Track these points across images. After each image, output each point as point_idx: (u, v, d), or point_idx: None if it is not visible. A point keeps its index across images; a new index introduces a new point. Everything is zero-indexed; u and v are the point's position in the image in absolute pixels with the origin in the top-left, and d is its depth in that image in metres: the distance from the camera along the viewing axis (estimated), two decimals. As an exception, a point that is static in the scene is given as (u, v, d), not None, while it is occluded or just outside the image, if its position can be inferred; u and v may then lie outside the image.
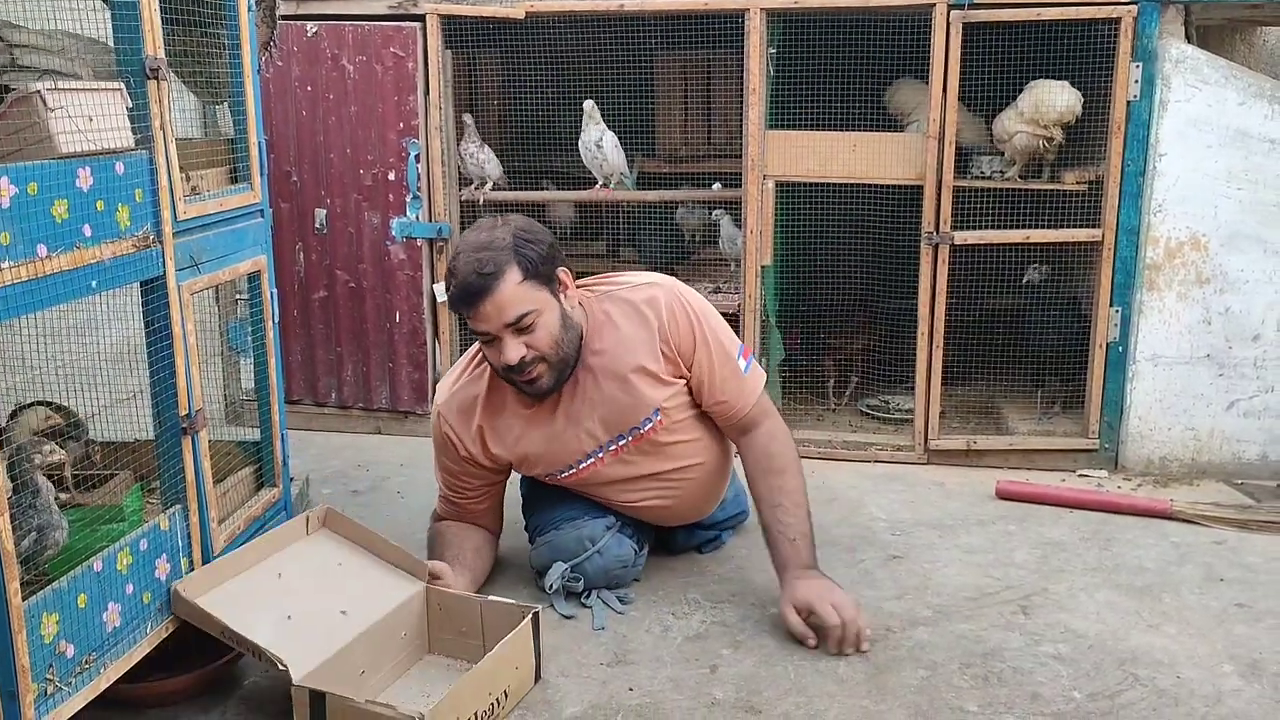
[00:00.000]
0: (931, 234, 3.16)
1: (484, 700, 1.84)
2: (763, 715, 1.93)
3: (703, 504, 2.53)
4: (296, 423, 3.66)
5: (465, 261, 2.12)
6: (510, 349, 2.14)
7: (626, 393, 2.28)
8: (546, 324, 2.17)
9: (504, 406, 2.35)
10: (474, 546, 2.41)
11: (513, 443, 2.36)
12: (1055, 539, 2.72)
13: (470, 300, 2.11)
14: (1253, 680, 2.05)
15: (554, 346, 2.19)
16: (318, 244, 3.55)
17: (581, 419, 2.32)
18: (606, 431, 2.32)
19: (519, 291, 2.12)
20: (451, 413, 2.37)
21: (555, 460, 2.37)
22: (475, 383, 2.37)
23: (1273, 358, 3.07)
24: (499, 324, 2.13)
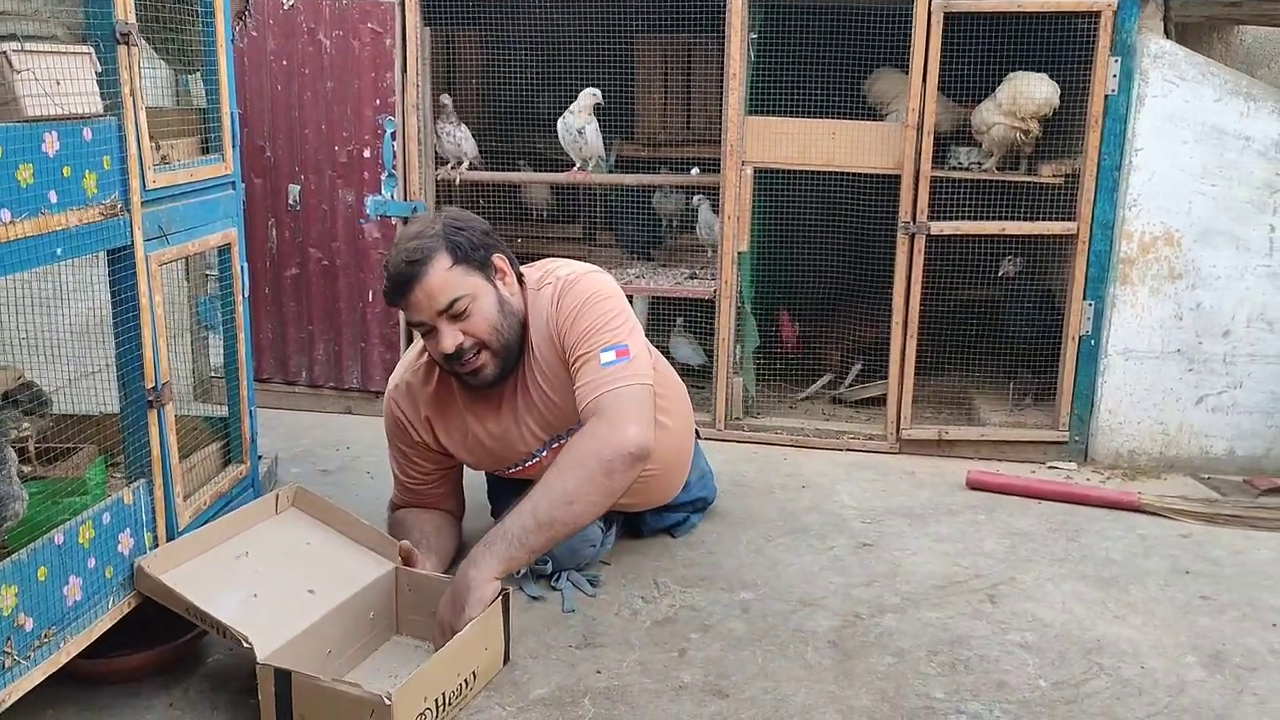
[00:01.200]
0: (908, 223, 3.16)
1: (452, 681, 1.82)
2: (730, 699, 1.93)
3: (663, 492, 2.53)
4: (266, 401, 3.62)
5: (395, 254, 2.11)
6: (446, 337, 2.10)
7: (560, 397, 2.24)
8: (482, 309, 2.12)
9: (451, 402, 2.32)
10: (436, 528, 2.39)
11: (460, 439, 2.34)
12: (1024, 529, 2.74)
13: (400, 290, 2.08)
14: (1215, 671, 2.07)
15: (492, 333, 2.14)
16: (291, 221, 3.51)
17: (522, 418, 2.30)
18: (546, 431, 2.31)
19: (449, 277, 2.08)
20: (402, 397, 2.35)
21: (500, 458, 2.37)
22: (425, 373, 2.34)
23: (1242, 354, 3.10)
24: (431, 312, 2.09)
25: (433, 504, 2.46)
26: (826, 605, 2.30)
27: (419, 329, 2.16)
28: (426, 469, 2.41)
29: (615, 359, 2.14)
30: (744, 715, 1.88)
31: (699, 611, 2.27)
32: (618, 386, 2.10)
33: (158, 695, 1.92)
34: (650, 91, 3.94)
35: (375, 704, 1.63)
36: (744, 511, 2.81)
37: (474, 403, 2.31)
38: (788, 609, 2.28)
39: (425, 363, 2.34)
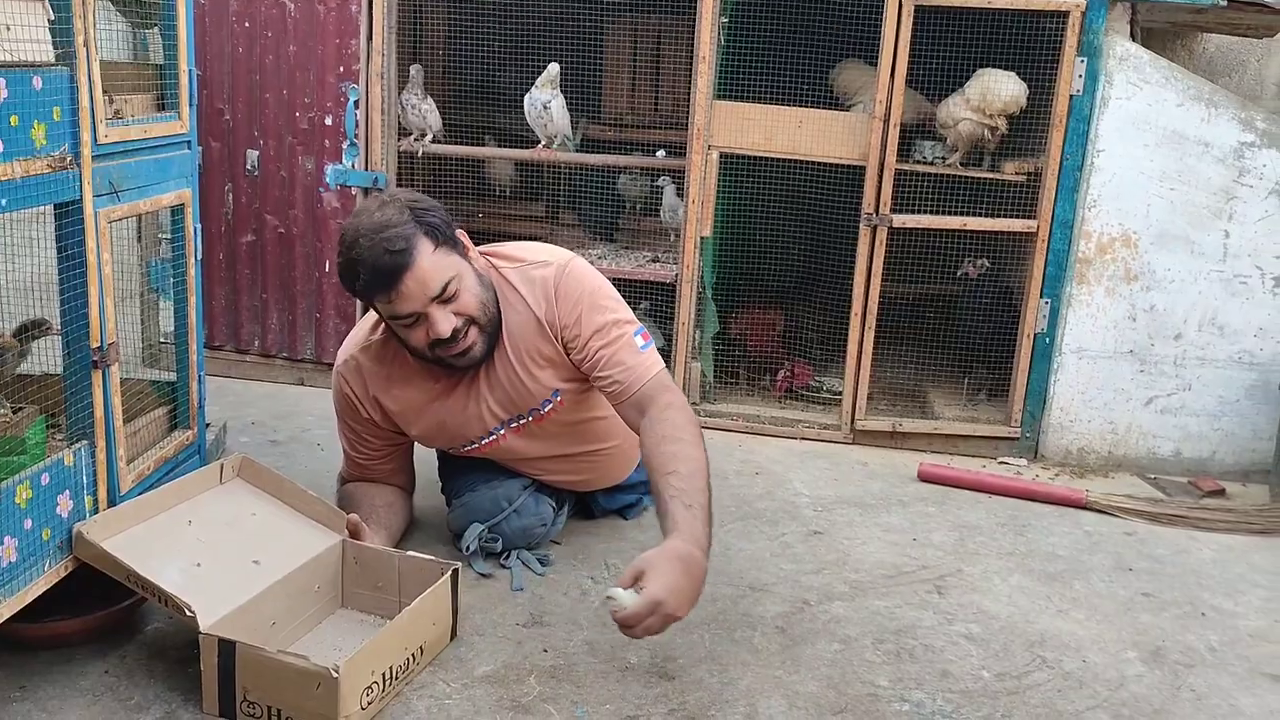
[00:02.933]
0: (871, 215, 3.17)
1: (399, 655, 1.80)
2: (675, 681, 1.93)
3: (618, 473, 2.53)
4: (217, 369, 3.57)
5: (368, 246, 1.99)
6: (442, 321, 2.05)
7: (524, 374, 2.23)
8: (469, 287, 2.10)
9: (405, 379, 2.27)
10: (386, 503, 2.36)
11: (413, 416, 2.31)
12: (972, 522, 2.76)
13: (388, 282, 1.99)
14: (1154, 666, 2.10)
15: (480, 309, 2.12)
16: (248, 186, 3.45)
17: (479, 399, 2.27)
18: (505, 411, 2.28)
19: (436, 260, 2.03)
20: (351, 373, 2.30)
21: (455, 436, 2.33)
22: (377, 351, 2.29)
23: (1192, 357, 3.14)
24: (424, 299, 2.03)
25: (383, 479, 2.43)
26: (775, 591, 2.31)
27: (401, 321, 2.07)
28: (375, 445, 2.38)
29: (644, 343, 2.18)
30: (689, 697, 1.88)
31: (648, 594, 2.26)
32: (661, 367, 2.16)
33: (93, 662, 1.88)
34: (619, 72, 3.91)
35: (322, 676, 1.61)
36: (697, 496, 2.80)
37: (433, 381, 2.27)
38: (737, 594, 2.28)
39: (378, 341, 2.29)
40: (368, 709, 1.71)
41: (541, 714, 1.81)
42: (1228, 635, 2.25)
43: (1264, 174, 3.01)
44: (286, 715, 1.66)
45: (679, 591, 1.77)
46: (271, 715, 1.68)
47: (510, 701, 1.84)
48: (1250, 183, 3.02)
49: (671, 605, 1.75)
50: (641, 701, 1.86)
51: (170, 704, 1.77)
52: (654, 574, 1.77)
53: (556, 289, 2.19)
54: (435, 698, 1.84)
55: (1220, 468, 3.21)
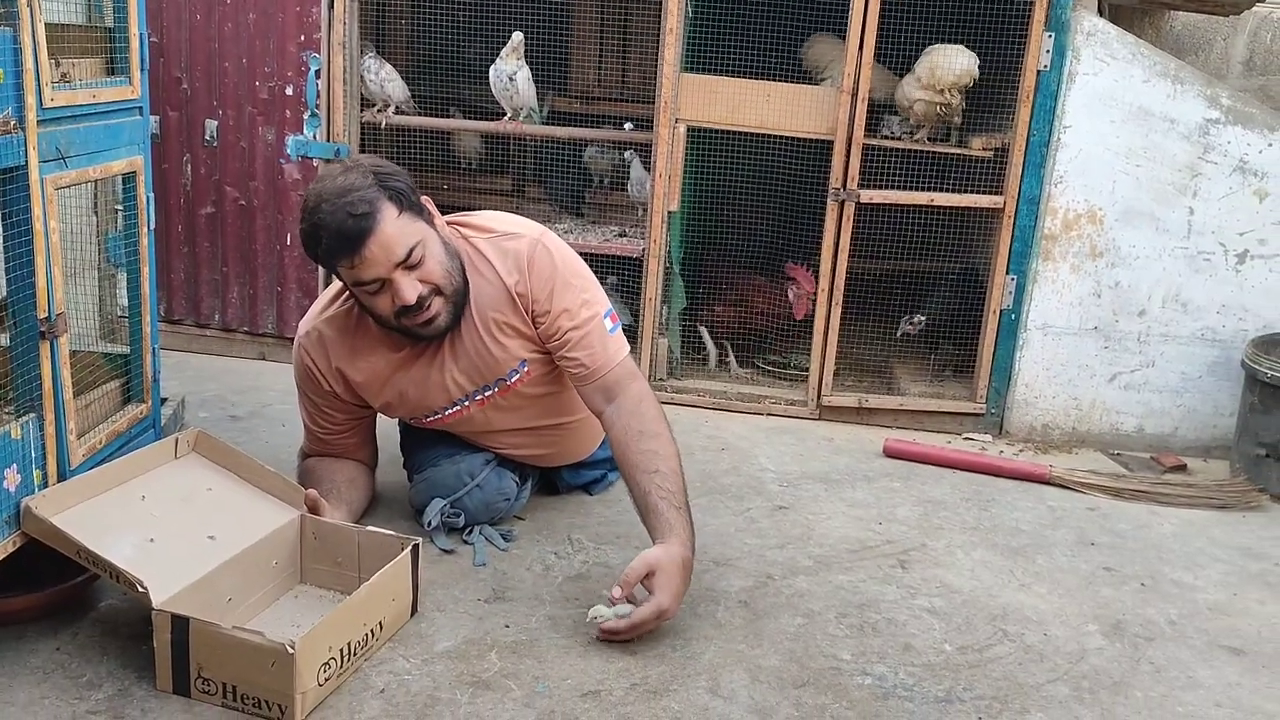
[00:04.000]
0: (838, 190, 3.15)
1: (358, 630, 1.78)
2: (638, 655, 1.92)
3: (581, 449, 2.51)
4: (176, 344, 3.51)
5: (331, 210, 1.95)
6: (407, 288, 2.01)
7: (492, 344, 2.21)
8: (434, 254, 2.06)
9: (369, 348, 2.24)
10: (348, 479, 2.33)
11: (377, 386, 2.27)
12: (937, 498, 2.77)
13: (352, 246, 1.95)
14: (1114, 640, 2.11)
15: (446, 276, 2.08)
16: (207, 157, 3.38)
17: (446, 368, 2.24)
18: (471, 382, 2.25)
19: (400, 225, 2.00)
20: (313, 345, 2.26)
21: (419, 405, 2.30)
22: (340, 322, 2.25)
23: (1156, 333, 3.16)
24: (389, 265, 1.99)
25: (345, 454, 2.39)
26: (740, 566, 2.30)
27: (365, 287, 2.03)
28: (337, 419, 2.35)
29: (613, 326, 2.21)
30: (651, 672, 1.87)
31: (612, 569, 2.25)
32: (627, 352, 2.21)
33: (44, 639, 1.84)
34: (586, 45, 3.87)
35: (277, 653, 1.58)
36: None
37: (396, 350, 2.24)
38: (701, 568, 2.27)
39: (342, 311, 2.25)
40: (325, 685, 1.68)
41: (502, 689, 1.80)
42: (1187, 609, 2.27)
43: (1228, 151, 3.02)
44: (241, 692, 1.64)
45: (680, 597, 1.96)
46: (226, 693, 1.65)
47: (471, 677, 1.82)
48: (1215, 159, 3.03)
49: (674, 611, 1.94)
50: (603, 676, 1.85)
51: (123, 681, 1.74)
52: (664, 580, 1.93)
53: (530, 262, 2.17)
54: (395, 673, 1.82)
55: (1182, 443, 3.23)
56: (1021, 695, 1.89)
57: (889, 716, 1.79)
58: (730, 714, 1.77)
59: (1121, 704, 1.88)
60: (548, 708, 1.75)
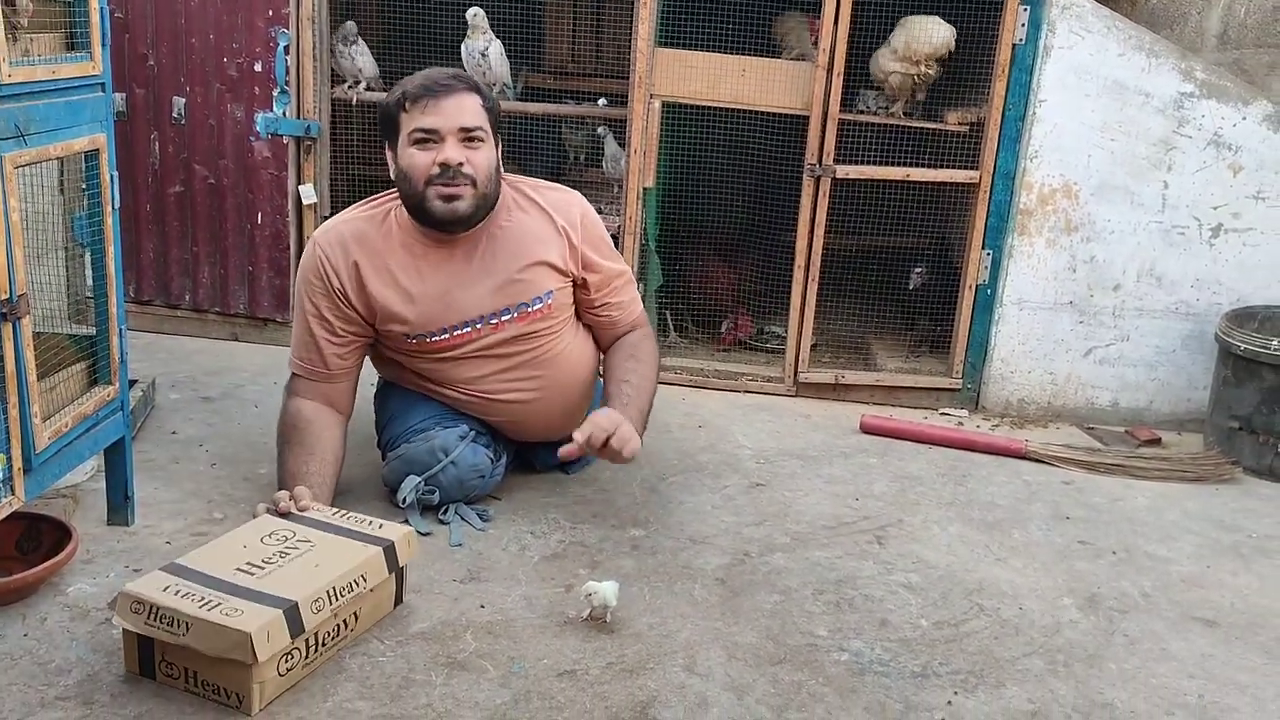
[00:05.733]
0: (814, 166, 3.14)
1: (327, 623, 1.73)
2: (614, 634, 1.91)
3: (562, 417, 2.46)
4: (147, 325, 3.47)
5: (430, 71, 2.25)
6: (454, 149, 2.18)
7: (524, 270, 2.32)
8: (486, 153, 2.23)
9: (391, 250, 2.29)
10: (334, 441, 2.28)
11: (393, 293, 2.27)
12: (913, 473, 2.77)
13: (435, 92, 2.18)
14: (1089, 613, 2.12)
15: (486, 179, 2.23)
16: (175, 135, 3.32)
17: (473, 282, 2.30)
18: (495, 302, 2.31)
19: (478, 111, 2.22)
20: (331, 243, 2.29)
21: (433, 319, 2.29)
22: (367, 222, 2.32)
23: (1130, 308, 3.17)
24: (454, 124, 2.18)
25: (331, 390, 2.32)
26: (716, 543, 2.30)
27: (421, 134, 2.18)
28: (336, 333, 2.29)
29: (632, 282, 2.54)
30: (627, 650, 1.87)
31: (589, 548, 2.24)
32: (642, 307, 2.56)
33: (11, 625, 1.81)
34: (560, 20, 3.83)
35: (238, 638, 1.56)
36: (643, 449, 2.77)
37: (419, 255, 2.30)
38: (677, 546, 2.27)
39: (364, 215, 2.33)
40: (287, 675, 1.65)
41: (477, 670, 1.78)
42: (1161, 581, 2.28)
43: (1202, 124, 3.02)
44: (202, 679, 1.62)
45: (610, 414, 2.22)
46: (188, 678, 1.63)
47: (446, 658, 1.81)
48: (1189, 133, 3.03)
49: (609, 422, 2.19)
50: (579, 655, 1.84)
51: (92, 666, 1.72)
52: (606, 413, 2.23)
53: (583, 216, 2.41)
54: (369, 655, 1.80)
55: (1156, 417, 3.25)
56: (997, 669, 1.89)
57: (865, 692, 1.79)
58: (707, 692, 1.77)
59: (1096, 676, 1.89)
60: (523, 688, 1.74)
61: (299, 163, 3.31)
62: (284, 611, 1.62)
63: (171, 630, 1.59)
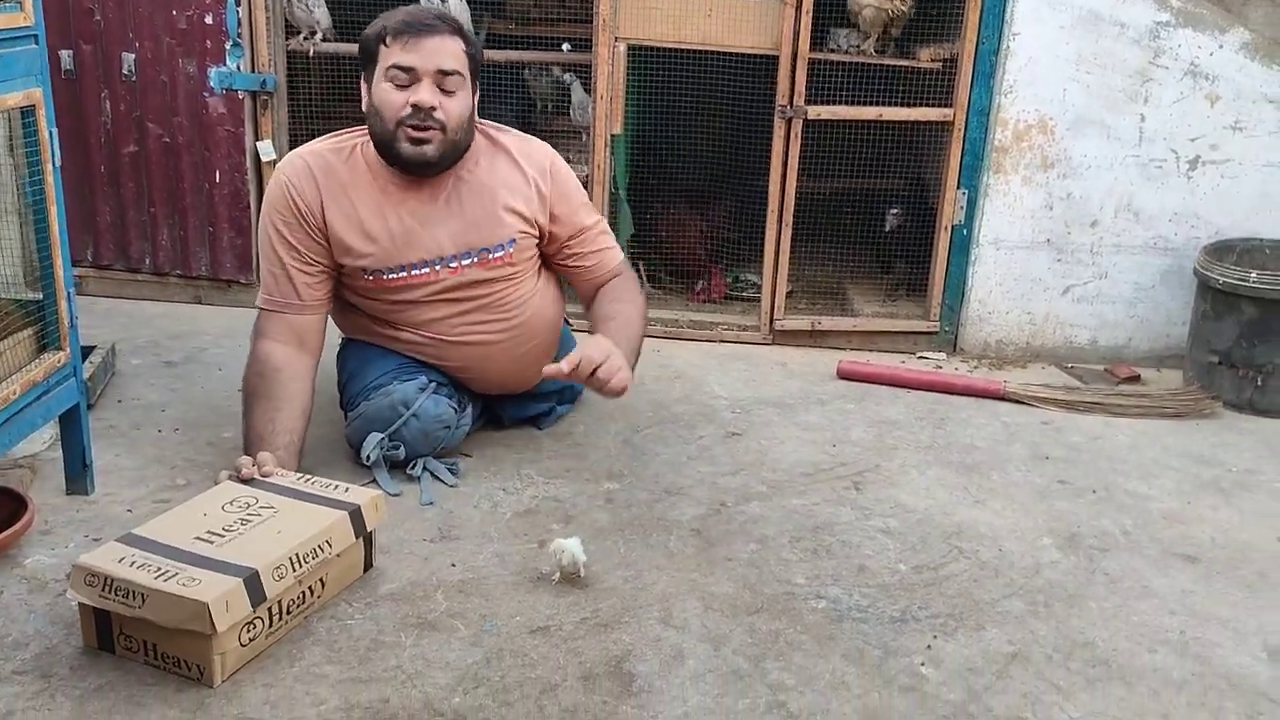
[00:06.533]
0: (785, 107, 3.07)
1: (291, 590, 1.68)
2: (589, 589, 1.87)
3: (524, 366, 2.41)
4: (107, 290, 3.39)
5: (414, 8, 2.21)
6: (428, 92, 2.12)
7: (488, 216, 2.28)
8: (461, 100, 2.18)
9: (357, 185, 2.24)
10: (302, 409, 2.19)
11: (355, 223, 2.23)
12: (891, 418, 2.74)
13: (417, 30, 2.12)
14: (1070, 552, 2.10)
15: (457, 125, 2.18)
16: (126, 93, 3.22)
17: (436, 224, 2.26)
18: (455, 244, 2.27)
19: (459, 55, 2.17)
20: (297, 171, 2.24)
21: (391, 257, 2.25)
22: (333, 154, 2.27)
23: (1108, 244, 3.13)
24: (432, 65, 2.13)
25: (302, 328, 2.23)
26: (692, 494, 2.26)
27: (397, 71, 2.13)
28: (304, 261, 2.23)
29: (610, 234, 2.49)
30: (602, 604, 1.83)
31: (562, 503, 2.20)
32: (622, 255, 2.50)
33: (-34, 599, 1.77)
34: (522, -36, 3.72)
35: (195, 609, 1.51)
36: (613, 403, 2.68)
37: (385, 192, 2.24)
38: (652, 498, 2.23)
39: (332, 147, 2.28)
40: (250, 645, 1.61)
41: (448, 629, 1.75)
42: (1141, 518, 2.26)
43: (1179, 54, 2.96)
44: (162, 651, 1.57)
45: (600, 343, 2.13)
46: (148, 650, 1.58)
47: (416, 619, 1.77)
48: (1165, 64, 2.97)
49: (599, 353, 2.09)
50: (553, 612, 1.81)
51: (51, 639, 1.67)
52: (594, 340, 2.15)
53: (553, 165, 2.36)
54: (337, 619, 1.76)
55: (1136, 354, 3.22)
56: (977, 612, 1.87)
57: (844, 639, 1.77)
58: (683, 644, 1.73)
59: (1076, 616, 1.87)
60: (496, 645, 1.71)
61: (256, 118, 3.22)
62: (244, 580, 1.57)
63: (127, 602, 1.54)
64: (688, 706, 1.57)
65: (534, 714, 1.54)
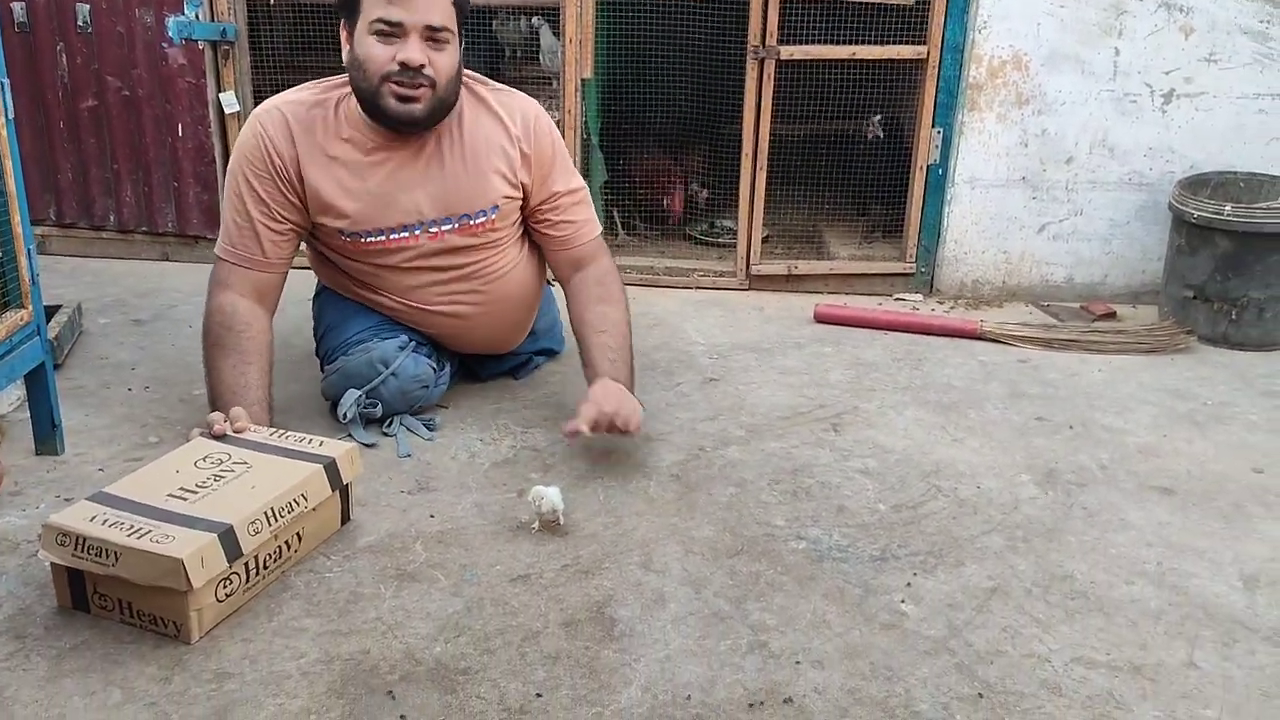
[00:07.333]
0: (757, 48, 3.02)
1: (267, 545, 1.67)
2: (569, 536, 1.87)
3: (504, 333, 2.41)
4: (72, 248, 3.33)
5: None
6: (416, 49, 2.02)
7: (476, 176, 2.20)
8: (450, 54, 2.08)
9: (336, 142, 2.14)
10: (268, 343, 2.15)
11: (333, 181, 2.14)
12: (869, 360, 2.73)
13: None
14: (1047, 488, 2.11)
15: (447, 82, 2.08)
16: (82, 45, 3.14)
17: (416, 186, 2.17)
18: (436, 209, 2.19)
19: (448, 5, 2.05)
20: (275, 122, 2.14)
21: (369, 219, 2.17)
22: (314, 106, 2.16)
23: (1083, 181, 3.11)
24: (420, 21, 2.01)
25: (263, 284, 2.17)
26: (671, 440, 2.25)
27: (384, 25, 2.01)
28: (274, 218, 2.15)
29: (589, 205, 2.37)
30: (583, 551, 1.82)
31: (540, 452, 2.19)
32: (600, 229, 2.38)
33: (-64, 564, 1.74)
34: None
35: (169, 565, 1.49)
36: (590, 350, 2.71)
37: (365, 151, 2.15)
38: (632, 445, 2.21)
39: (312, 98, 2.17)
40: (227, 600, 1.59)
41: (428, 580, 1.74)
42: (1118, 453, 2.27)
43: (1154, -14, 2.94)
44: (137, 609, 1.55)
45: (610, 392, 2.10)
46: (123, 609, 1.56)
47: (395, 570, 1.76)
48: (1140, -4, 2.95)
49: (612, 404, 2.06)
50: (533, 560, 1.80)
51: (24, 600, 1.65)
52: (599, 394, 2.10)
53: (536, 121, 2.25)
54: (315, 572, 1.75)
55: (1111, 291, 3.22)
56: (956, 549, 1.87)
57: (824, 579, 1.77)
58: (664, 587, 1.73)
59: (1055, 550, 1.88)
60: (476, 595, 1.70)
61: (218, 69, 3.14)
62: (219, 535, 1.55)
63: (100, 561, 1.52)
64: (670, 649, 1.57)
65: (516, 661, 1.54)
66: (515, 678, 1.50)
